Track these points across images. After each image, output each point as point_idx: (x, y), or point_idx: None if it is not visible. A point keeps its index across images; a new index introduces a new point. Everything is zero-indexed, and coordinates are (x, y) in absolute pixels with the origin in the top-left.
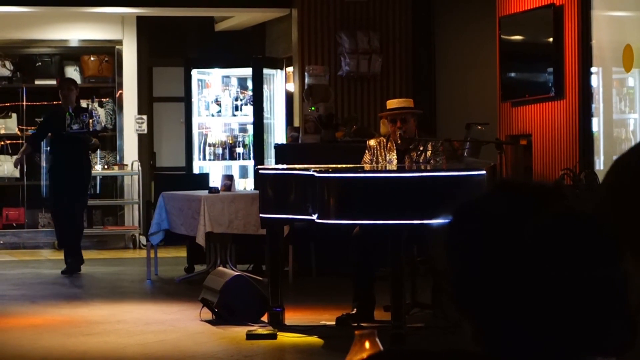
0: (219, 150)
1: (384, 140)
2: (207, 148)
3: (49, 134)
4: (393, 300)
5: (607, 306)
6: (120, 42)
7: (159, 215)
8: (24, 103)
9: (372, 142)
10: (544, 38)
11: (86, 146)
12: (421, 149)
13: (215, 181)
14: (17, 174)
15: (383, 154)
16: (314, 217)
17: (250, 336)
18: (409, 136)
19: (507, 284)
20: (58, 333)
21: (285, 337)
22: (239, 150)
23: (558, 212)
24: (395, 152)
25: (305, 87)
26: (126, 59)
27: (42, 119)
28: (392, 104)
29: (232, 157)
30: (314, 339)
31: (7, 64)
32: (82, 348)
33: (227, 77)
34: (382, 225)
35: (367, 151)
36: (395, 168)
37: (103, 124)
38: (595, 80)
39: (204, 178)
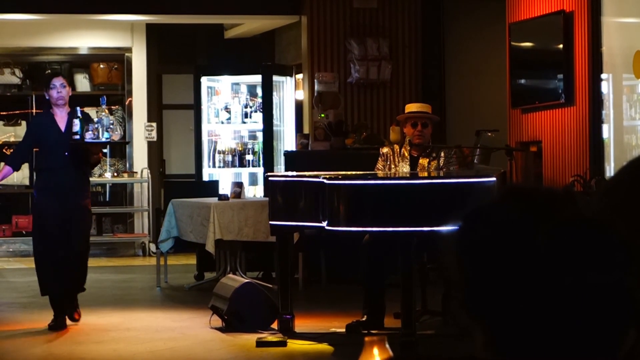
0: (229, 158)
1: (397, 147)
2: (216, 155)
3: (35, 147)
4: (403, 307)
5: (617, 312)
6: (129, 50)
7: (168, 222)
8: (34, 111)
9: (385, 149)
10: (554, 44)
11: (88, 162)
12: (434, 155)
13: (225, 188)
14: (27, 181)
15: (396, 160)
16: (324, 224)
17: (260, 343)
18: (425, 142)
19: (516, 291)
20: (68, 341)
21: (295, 345)
22: (249, 157)
23: (568, 218)
24: (408, 159)
25: (315, 94)
26: (136, 67)
27: (26, 130)
28: (412, 107)
29: (242, 164)
30: (324, 347)
31: (17, 71)
32: (92, 355)
33: (237, 84)
34: (392, 232)
35: (380, 158)
36: (407, 175)
37: (118, 132)
38: (605, 87)
39: (213, 185)
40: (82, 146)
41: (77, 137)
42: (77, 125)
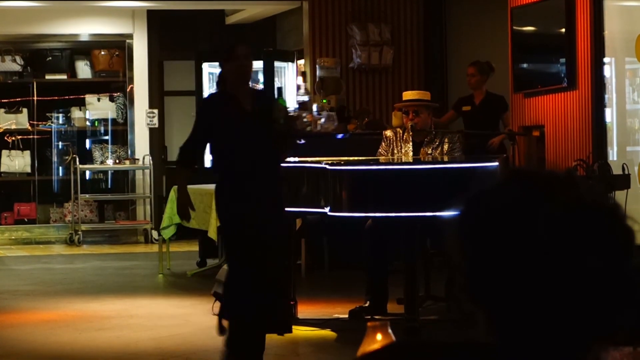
0: None
1: (400, 131)
2: None
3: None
4: (406, 292)
5: (619, 295)
6: (130, 36)
7: (170, 209)
8: (35, 98)
9: (388, 133)
10: (556, 28)
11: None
12: (437, 142)
13: None
14: (28, 169)
15: (399, 145)
16: (327, 210)
17: None
18: (422, 128)
19: (518, 274)
20: (70, 328)
21: (298, 331)
22: None
23: (569, 201)
24: (411, 143)
25: (317, 79)
26: (137, 53)
27: (196, 119)
28: (407, 95)
29: None
30: (327, 332)
31: (18, 58)
32: (95, 343)
33: None
34: (395, 217)
35: (383, 142)
36: (410, 159)
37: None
38: (607, 71)
39: None
40: (287, 134)
41: (281, 122)
42: (277, 108)
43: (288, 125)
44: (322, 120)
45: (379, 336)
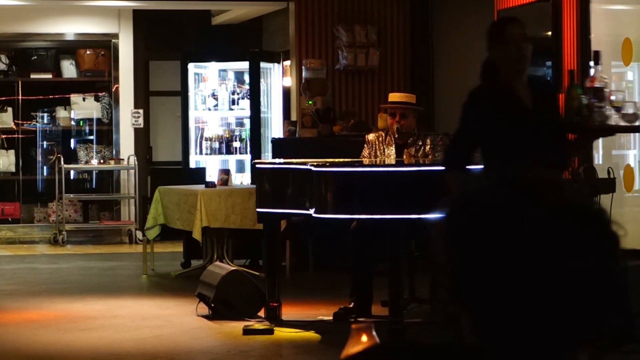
0: (216, 145)
1: (383, 135)
2: (203, 142)
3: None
4: (391, 295)
5: (604, 299)
6: (116, 36)
7: (155, 209)
8: (20, 97)
9: (370, 137)
10: (542, 32)
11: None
12: (420, 144)
13: (212, 175)
14: (12, 168)
15: (381, 148)
16: (312, 211)
17: (247, 331)
18: (407, 131)
19: (504, 276)
20: (54, 328)
21: (282, 332)
22: (236, 144)
23: (555, 205)
24: (393, 146)
25: (303, 80)
26: (122, 53)
27: (463, 114)
28: (394, 97)
29: (229, 151)
30: (311, 334)
31: (3, 57)
32: (78, 343)
33: (224, 71)
34: (380, 219)
35: (365, 145)
36: (393, 162)
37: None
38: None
39: (200, 172)
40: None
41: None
42: (575, 98)
43: (584, 119)
44: (626, 110)
45: (363, 338)
